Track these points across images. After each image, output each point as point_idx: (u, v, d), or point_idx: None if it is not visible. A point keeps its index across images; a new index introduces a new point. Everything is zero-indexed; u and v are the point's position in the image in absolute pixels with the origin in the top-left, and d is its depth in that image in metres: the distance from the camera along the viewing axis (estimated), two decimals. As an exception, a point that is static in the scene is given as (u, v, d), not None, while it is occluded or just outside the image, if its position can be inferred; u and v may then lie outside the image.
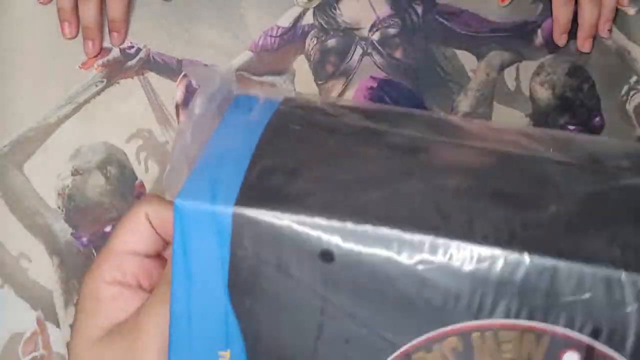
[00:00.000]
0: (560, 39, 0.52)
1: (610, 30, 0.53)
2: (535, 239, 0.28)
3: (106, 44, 0.51)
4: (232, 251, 0.29)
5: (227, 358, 0.30)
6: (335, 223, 0.28)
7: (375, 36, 0.52)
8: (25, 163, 0.49)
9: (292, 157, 0.31)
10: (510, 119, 0.52)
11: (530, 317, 0.28)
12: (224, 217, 0.29)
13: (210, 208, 0.29)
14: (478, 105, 0.51)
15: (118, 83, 0.50)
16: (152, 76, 0.51)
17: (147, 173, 0.50)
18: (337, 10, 0.52)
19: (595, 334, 0.28)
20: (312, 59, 0.52)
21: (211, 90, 0.34)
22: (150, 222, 0.33)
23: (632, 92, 0.52)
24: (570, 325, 0.28)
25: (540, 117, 0.52)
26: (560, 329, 0.28)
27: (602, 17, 0.52)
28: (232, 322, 0.30)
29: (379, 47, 0.52)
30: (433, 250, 0.28)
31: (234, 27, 0.52)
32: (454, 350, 0.28)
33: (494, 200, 0.29)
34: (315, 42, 0.52)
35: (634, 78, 0.52)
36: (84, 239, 0.49)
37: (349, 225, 0.28)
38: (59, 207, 0.49)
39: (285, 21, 0.52)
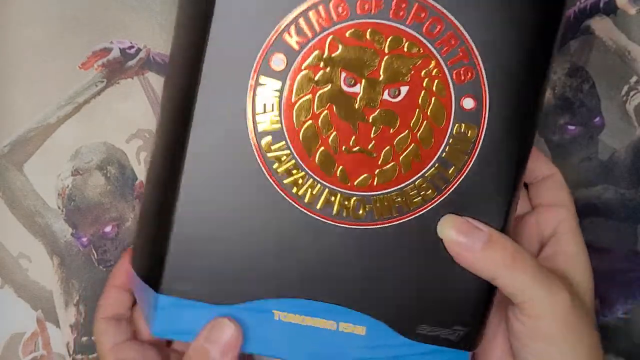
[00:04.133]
0: None
1: None
2: None
3: (106, 44, 0.51)
4: None
5: None
6: None
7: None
8: (25, 163, 0.49)
9: None
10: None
11: None
12: None
13: None
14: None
15: (118, 83, 0.50)
16: (152, 76, 0.51)
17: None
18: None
19: None
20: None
21: None
22: None
23: (632, 92, 0.52)
24: None
25: (540, 117, 0.52)
26: None
27: None
28: None
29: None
30: None
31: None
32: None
33: None
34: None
35: (634, 78, 0.52)
36: (84, 239, 0.49)
37: None
38: (59, 207, 0.49)
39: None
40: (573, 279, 0.41)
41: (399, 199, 0.38)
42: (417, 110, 0.37)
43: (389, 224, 0.38)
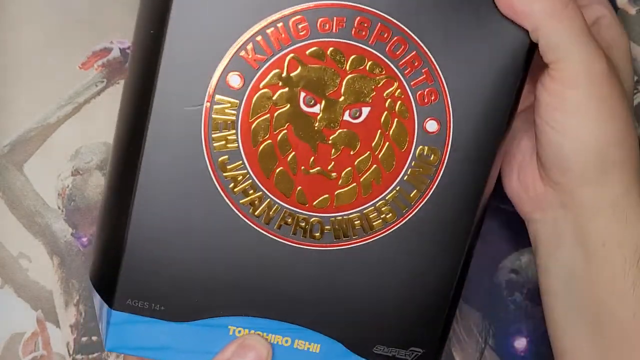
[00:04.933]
0: None
1: None
2: None
3: (106, 44, 0.51)
4: None
5: None
6: None
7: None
8: (25, 163, 0.49)
9: None
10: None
11: None
12: None
13: None
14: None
15: (118, 83, 0.50)
16: (152, 76, 0.51)
17: (147, 173, 0.50)
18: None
19: None
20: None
21: None
22: None
23: (632, 92, 0.52)
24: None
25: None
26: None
27: None
28: None
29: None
30: None
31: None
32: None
33: None
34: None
35: (634, 78, 0.52)
36: (84, 239, 0.49)
37: None
38: (59, 207, 0.49)
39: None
40: (614, 61, 0.38)
41: (359, 221, 0.37)
42: (379, 131, 0.36)
43: (348, 246, 0.37)
